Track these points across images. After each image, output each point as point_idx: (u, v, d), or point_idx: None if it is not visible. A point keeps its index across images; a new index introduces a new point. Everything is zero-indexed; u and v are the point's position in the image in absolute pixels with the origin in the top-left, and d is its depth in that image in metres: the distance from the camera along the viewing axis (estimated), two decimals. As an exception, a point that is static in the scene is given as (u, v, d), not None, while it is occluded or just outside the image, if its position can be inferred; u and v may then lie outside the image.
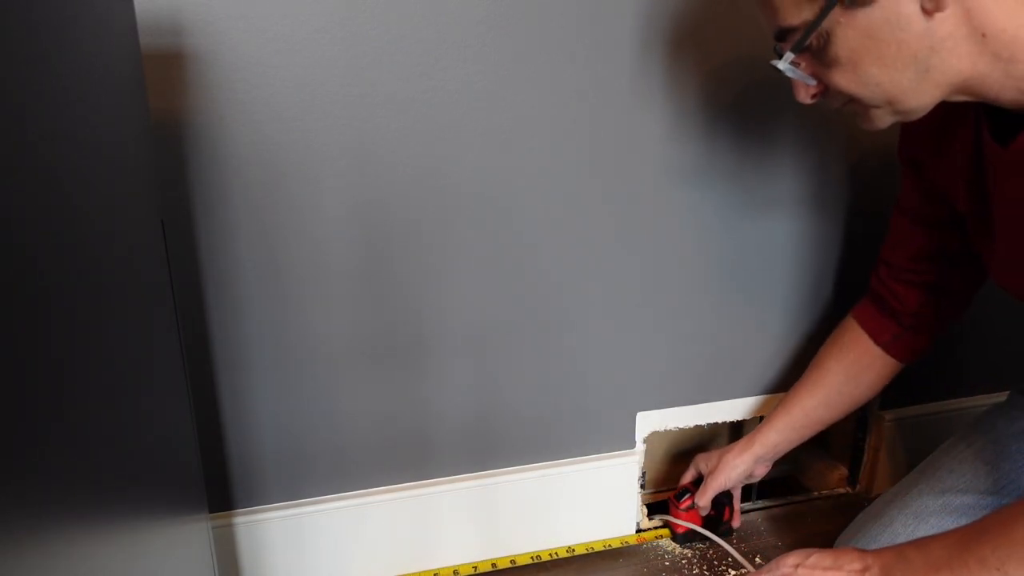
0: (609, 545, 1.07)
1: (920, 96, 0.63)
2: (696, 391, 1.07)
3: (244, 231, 0.83)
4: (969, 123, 0.72)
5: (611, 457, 1.05)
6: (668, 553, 1.05)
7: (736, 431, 1.20)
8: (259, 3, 0.76)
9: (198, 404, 0.86)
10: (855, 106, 0.67)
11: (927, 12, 0.58)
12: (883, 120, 0.67)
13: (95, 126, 0.46)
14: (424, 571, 1.01)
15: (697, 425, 1.09)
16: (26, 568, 0.31)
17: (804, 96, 0.68)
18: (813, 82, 0.66)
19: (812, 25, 0.61)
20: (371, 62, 0.81)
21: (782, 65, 0.65)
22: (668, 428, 1.07)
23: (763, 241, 1.02)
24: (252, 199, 0.82)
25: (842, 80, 0.64)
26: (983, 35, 0.58)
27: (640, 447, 1.07)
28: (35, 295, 0.34)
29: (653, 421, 1.06)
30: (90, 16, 0.47)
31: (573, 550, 1.05)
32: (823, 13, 0.60)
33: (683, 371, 1.05)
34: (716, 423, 1.10)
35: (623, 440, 1.06)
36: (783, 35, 0.65)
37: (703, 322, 1.03)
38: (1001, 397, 0.98)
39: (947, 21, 0.58)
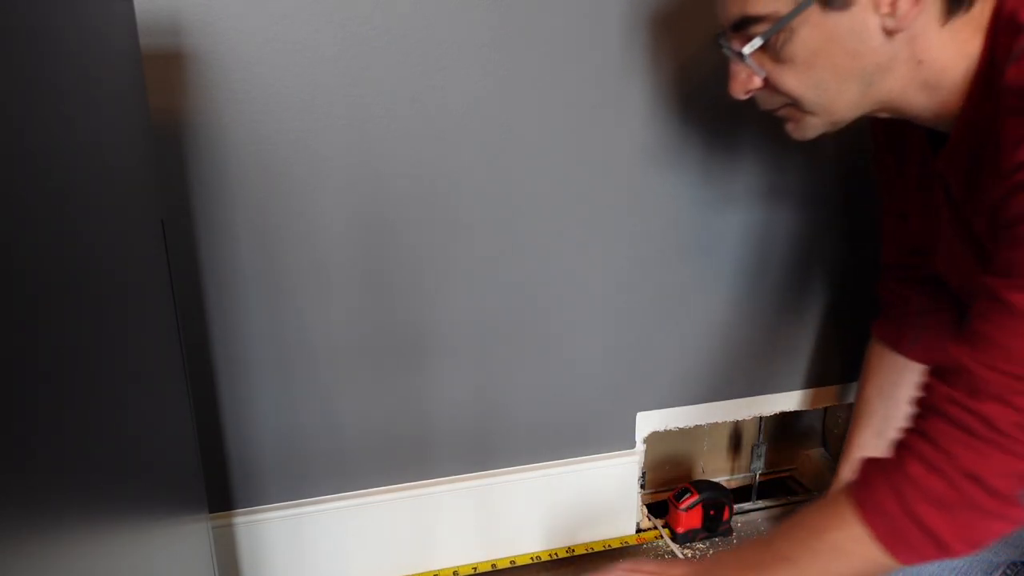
0: (609, 545, 1.07)
1: (855, 109, 0.66)
2: (696, 391, 1.07)
3: (244, 231, 0.83)
4: (921, 135, 0.74)
5: (611, 457, 1.05)
6: (668, 553, 1.05)
7: (736, 432, 1.20)
8: (259, 3, 0.76)
9: (198, 404, 0.86)
10: (790, 111, 0.69)
11: (887, 32, 0.61)
12: (814, 129, 0.69)
13: (95, 126, 0.46)
14: (424, 571, 1.01)
15: (697, 425, 1.09)
16: (26, 568, 0.31)
17: (740, 90, 0.69)
18: (763, 74, 0.66)
19: (785, 19, 0.62)
20: (371, 62, 0.81)
21: (747, 50, 0.65)
22: (668, 428, 1.07)
23: (765, 240, 1.02)
24: (252, 199, 0.82)
25: (792, 80, 0.65)
26: (920, 61, 0.62)
27: (640, 447, 1.07)
28: (35, 295, 0.34)
29: (653, 421, 1.06)
30: (90, 16, 0.47)
31: (573, 550, 1.05)
32: (799, 8, 0.61)
33: (683, 371, 1.05)
34: (716, 423, 1.10)
35: (623, 440, 1.06)
36: (744, 23, 0.65)
37: (704, 322, 1.03)
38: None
39: (898, 44, 0.61)
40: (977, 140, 0.63)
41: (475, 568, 1.02)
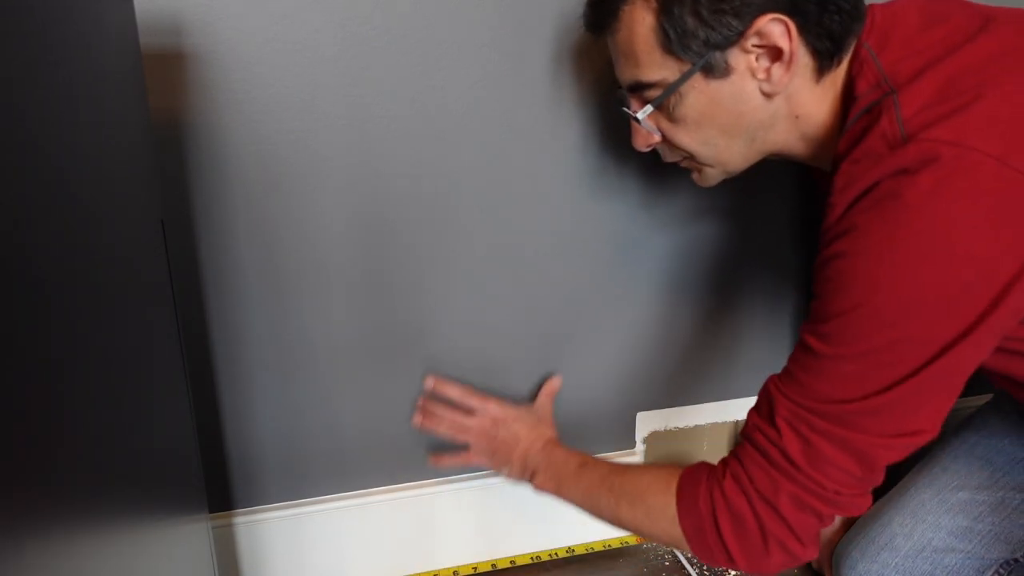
0: (609, 545, 1.07)
1: (745, 160, 0.73)
2: (696, 391, 1.07)
3: (244, 231, 0.83)
4: None
5: (611, 457, 1.05)
6: (668, 553, 1.05)
7: (736, 432, 1.20)
8: (259, 3, 0.76)
9: (198, 404, 0.86)
10: (690, 163, 0.76)
11: (765, 94, 0.67)
12: (714, 178, 0.76)
13: (95, 126, 0.46)
14: (424, 571, 1.01)
15: (697, 425, 1.09)
16: (26, 568, 0.31)
17: (642, 144, 0.75)
18: (659, 135, 0.73)
19: (673, 86, 0.67)
20: (371, 62, 0.81)
21: (640, 115, 0.71)
22: (668, 428, 1.07)
23: (761, 240, 1.02)
24: (252, 199, 0.82)
25: (684, 137, 0.71)
26: (797, 116, 0.68)
27: (640, 447, 1.07)
28: (35, 295, 0.34)
29: (653, 421, 1.06)
30: (90, 16, 0.47)
31: (573, 550, 1.05)
32: (684, 77, 0.66)
33: (683, 371, 1.05)
34: (716, 423, 1.10)
35: (623, 440, 1.06)
36: (637, 87, 0.70)
37: (703, 322, 1.03)
38: (989, 397, 0.99)
39: (776, 103, 0.67)
40: None
41: (475, 568, 1.02)
